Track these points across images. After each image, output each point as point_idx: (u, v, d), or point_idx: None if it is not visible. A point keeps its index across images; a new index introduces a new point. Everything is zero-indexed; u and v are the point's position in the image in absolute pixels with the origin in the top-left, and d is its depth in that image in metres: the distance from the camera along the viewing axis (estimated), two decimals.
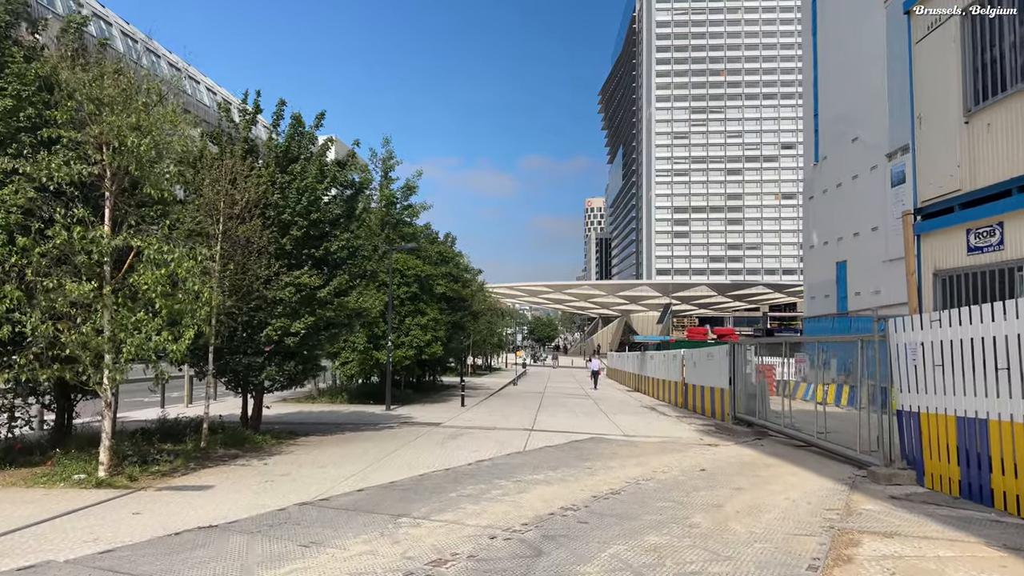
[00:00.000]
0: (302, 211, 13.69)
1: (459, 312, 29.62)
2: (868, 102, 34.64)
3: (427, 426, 17.32)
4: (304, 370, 14.75)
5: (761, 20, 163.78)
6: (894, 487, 9.89)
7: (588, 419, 20.45)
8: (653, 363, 34.94)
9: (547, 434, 16.16)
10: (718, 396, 21.38)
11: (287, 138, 14.53)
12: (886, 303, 34.73)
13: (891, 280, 33.67)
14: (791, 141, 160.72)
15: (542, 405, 25.19)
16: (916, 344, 9.89)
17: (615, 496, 8.99)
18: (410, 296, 22.85)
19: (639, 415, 22.73)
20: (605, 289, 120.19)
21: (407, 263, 22.87)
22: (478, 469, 10.93)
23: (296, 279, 13.15)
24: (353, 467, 11.10)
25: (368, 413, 20.35)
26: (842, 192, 39.10)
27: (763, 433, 16.76)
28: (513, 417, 20.17)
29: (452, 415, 20.25)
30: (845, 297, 40.01)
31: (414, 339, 22.31)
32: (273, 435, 14.56)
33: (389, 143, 23.46)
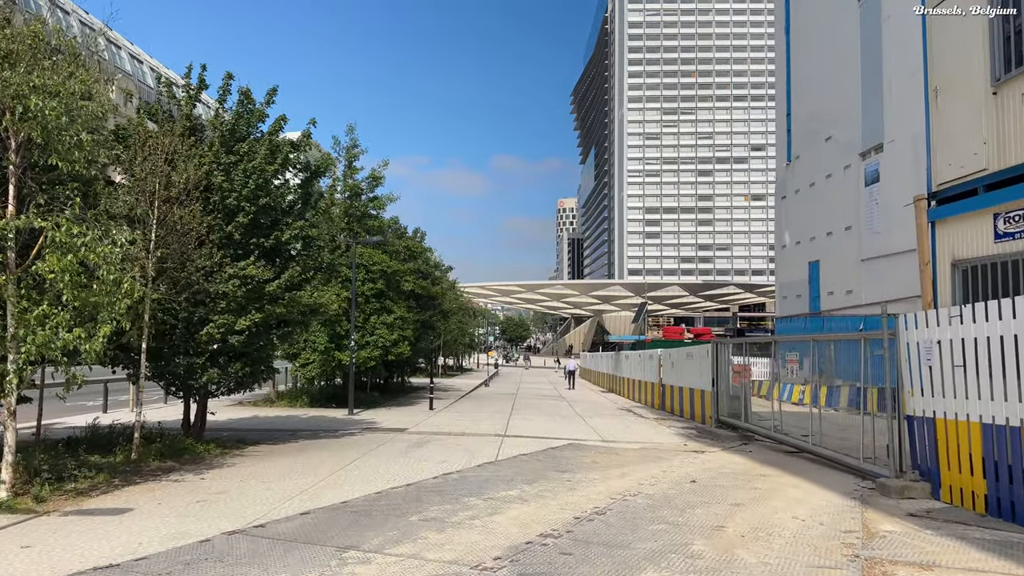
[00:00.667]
0: (249, 195, 12.31)
1: (428, 311, 28.30)
2: (842, 101, 34.31)
3: (391, 432, 16.01)
4: (253, 372, 13.35)
5: (732, 22, 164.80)
6: (908, 501, 8.88)
7: (564, 423, 19.32)
8: (628, 363, 33.97)
9: (521, 440, 14.97)
10: (699, 398, 20.41)
11: (234, 115, 13.13)
12: (859, 303, 34.44)
13: (866, 279, 33.25)
14: (760, 143, 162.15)
15: (515, 408, 24.00)
16: (931, 342, 8.90)
17: (601, 517, 7.83)
18: (376, 293, 21.49)
19: (616, 418, 21.66)
20: (578, 289, 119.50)
21: (373, 258, 21.50)
22: (445, 484, 9.67)
23: (241, 271, 11.76)
24: (302, 482, 9.78)
25: (328, 418, 18.95)
26: (815, 191, 38.67)
27: (749, 437, 15.79)
28: (484, 421, 18.95)
29: (419, 419, 18.95)
30: (818, 297, 39.66)
31: (380, 339, 20.95)
32: (219, 444, 13.15)
33: (353, 131, 22.10)
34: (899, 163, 29.22)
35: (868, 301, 33.63)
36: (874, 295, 32.97)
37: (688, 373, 21.67)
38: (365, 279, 21.33)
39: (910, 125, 29.68)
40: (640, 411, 24.37)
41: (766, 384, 17.80)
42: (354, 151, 22.10)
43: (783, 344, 14.75)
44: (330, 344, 20.54)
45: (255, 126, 13.28)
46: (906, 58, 28.99)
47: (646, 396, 27.91)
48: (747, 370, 19.14)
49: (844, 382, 14.38)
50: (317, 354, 20.78)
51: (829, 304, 37.93)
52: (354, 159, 22.12)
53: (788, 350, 14.15)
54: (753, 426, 15.80)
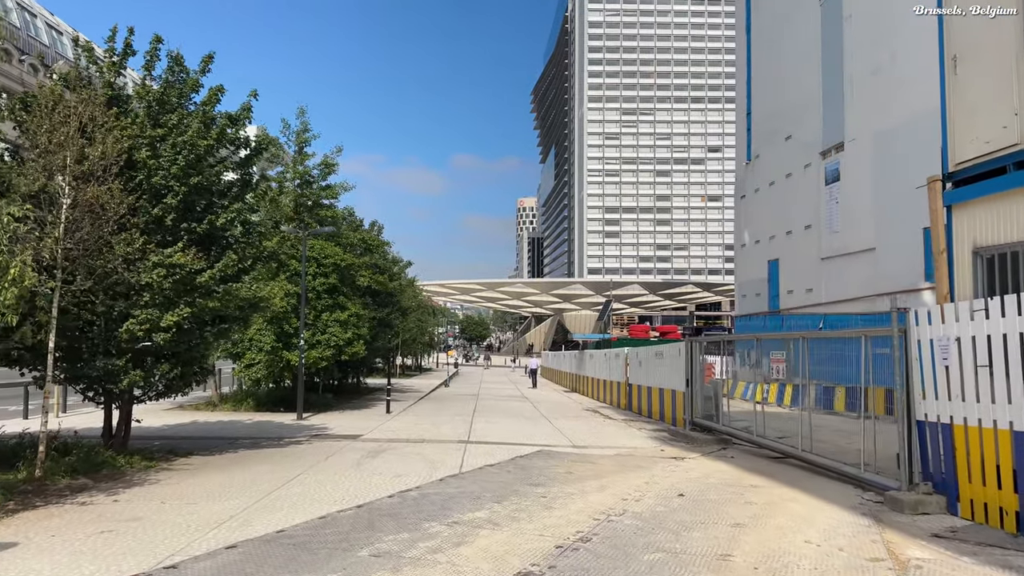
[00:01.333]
0: (178, 173, 10.80)
1: (386, 308, 26.83)
2: (802, 100, 34.16)
3: (343, 440, 14.60)
4: (184, 375, 11.82)
5: (690, 24, 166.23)
6: (923, 518, 7.93)
7: (530, 426, 18.16)
8: (593, 362, 33.02)
9: (486, 447, 13.73)
10: (669, 399, 19.48)
11: (162, 83, 11.58)
12: (819, 301, 34.16)
13: (826, 278, 33.03)
14: (717, 144, 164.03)
15: (477, 410, 22.74)
16: (949, 339, 7.97)
17: (586, 545, 6.65)
18: (328, 288, 19.98)
19: (583, 420, 20.60)
20: (539, 287, 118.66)
21: (325, 250, 19.98)
22: (402, 504, 8.38)
23: (167, 258, 10.26)
24: (234, 504, 8.38)
25: (275, 424, 17.42)
26: (775, 190, 38.39)
27: (726, 441, 14.86)
28: (445, 426, 17.66)
29: (375, 424, 17.55)
30: (777, 296, 39.51)
31: (332, 337, 19.46)
32: (145, 455, 11.60)
33: (304, 113, 20.47)
34: (860, 162, 29.14)
35: (828, 300, 33.51)
36: (834, 294, 32.79)
37: (658, 373, 20.74)
38: (316, 273, 19.82)
39: (872, 123, 29.59)
40: (606, 412, 23.38)
41: (741, 385, 16.88)
42: (305, 136, 20.53)
43: (765, 342, 13.84)
44: (277, 343, 18.99)
45: (187, 97, 11.75)
46: (868, 57, 28.72)
47: (612, 396, 26.97)
48: (710, 368, 18.32)
49: (831, 383, 13.48)
50: (263, 354, 19.20)
51: (789, 303, 37.75)
52: (305, 144, 20.56)
53: (773, 348, 13.22)
54: (731, 429, 14.86)
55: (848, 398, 16.53)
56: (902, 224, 25.37)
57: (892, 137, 26.40)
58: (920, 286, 26.50)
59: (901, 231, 25.45)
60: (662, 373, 20.13)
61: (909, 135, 24.99)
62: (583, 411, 23.85)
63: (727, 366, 16.64)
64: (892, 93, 27.03)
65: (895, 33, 26.52)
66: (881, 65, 27.55)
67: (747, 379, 17.97)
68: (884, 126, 27.09)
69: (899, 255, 25.75)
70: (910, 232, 24.71)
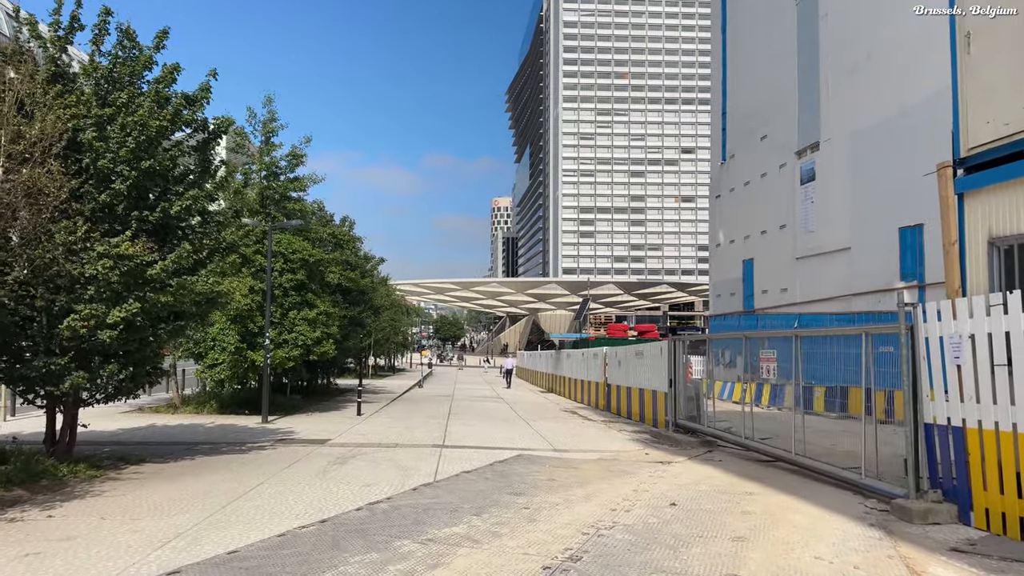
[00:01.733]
0: (128, 156, 9.89)
1: (357, 306, 25.92)
2: (778, 100, 34.09)
3: (310, 444, 13.74)
4: (135, 376, 10.90)
5: (664, 25, 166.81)
6: (935, 528, 7.39)
7: (507, 428, 17.45)
8: (570, 362, 32.44)
9: (463, 452, 12.99)
10: (650, 400, 18.92)
11: (111, 58, 10.65)
12: (794, 300, 33.91)
13: (800, 278, 32.80)
14: (690, 146, 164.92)
15: (452, 412, 21.97)
16: (961, 337, 7.44)
17: (576, 566, 5.96)
18: (296, 285, 19.05)
19: (562, 421, 19.95)
20: (514, 287, 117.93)
21: (293, 245, 19.05)
22: (371, 518, 7.60)
23: (114, 248, 9.35)
24: (184, 519, 7.54)
25: (238, 427, 16.47)
26: (750, 190, 38.25)
27: (711, 443, 14.30)
28: (419, 428, 16.87)
29: (345, 427, 16.70)
30: (752, 295, 39.40)
31: (300, 336, 18.54)
32: (92, 463, 10.67)
33: (272, 102, 19.46)
34: (835, 162, 28.97)
35: (803, 299, 33.27)
36: (808, 293, 32.56)
37: (638, 373, 20.18)
38: (283, 269, 18.88)
39: (847, 123, 29.40)
40: (585, 413, 22.78)
41: (718, 385, 16.34)
42: (272, 125, 19.53)
43: (754, 341, 13.30)
44: (242, 343, 18.02)
45: (140, 75, 10.83)
46: (844, 57, 28.49)
47: (590, 397, 26.40)
48: (688, 368, 17.81)
49: (819, 384, 12.96)
50: (227, 354, 18.22)
51: (763, 302, 37.56)
52: (272, 134, 19.56)
53: (762, 347, 12.67)
54: (716, 431, 14.30)
55: (827, 397, 16.07)
56: (877, 224, 25.33)
57: (868, 137, 26.30)
58: (896, 285, 26.32)
59: (876, 231, 25.34)
60: (643, 373, 19.58)
61: (885, 135, 25.07)
62: (561, 412, 23.22)
63: (706, 366, 16.13)
64: (868, 93, 26.76)
65: (872, 33, 26.36)
66: (857, 64, 27.43)
67: (727, 379, 17.44)
68: (860, 126, 27.03)
69: (874, 255, 25.58)
70: (885, 232, 24.73)
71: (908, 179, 23.18)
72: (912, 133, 23.06)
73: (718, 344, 17.54)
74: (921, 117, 22.62)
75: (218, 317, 18.13)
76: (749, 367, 12.89)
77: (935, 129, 22.51)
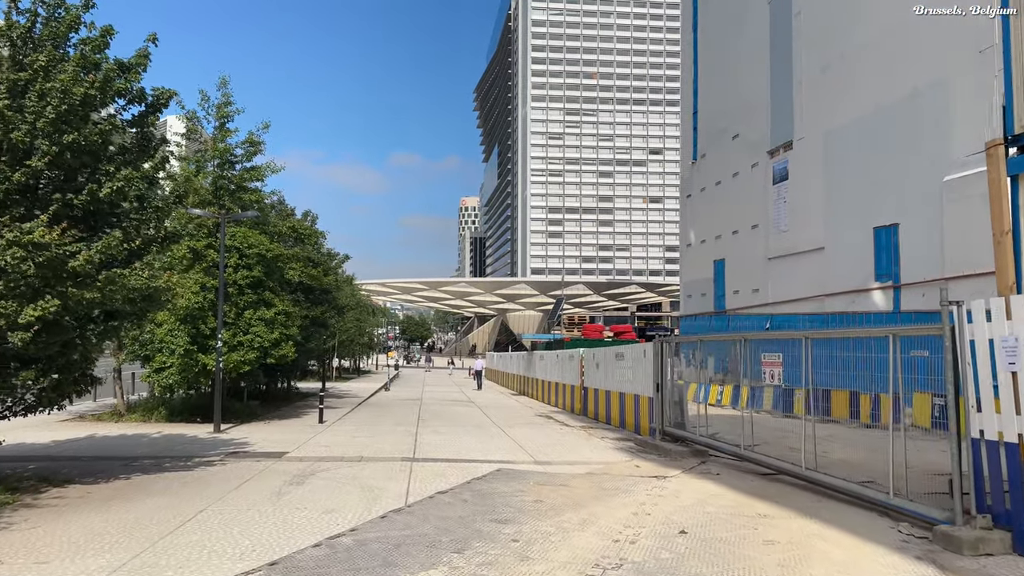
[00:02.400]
0: (47, 128, 8.44)
1: (320, 306, 24.45)
2: (750, 99, 33.67)
3: (265, 459, 12.35)
4: (59, 384, 9.44)
5: (632, 26, 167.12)
6: (990, 561, 6.39)
7: (482, 436, 16.23)
8: (543, 364, 31.35)
9: (436, 466, 11.74)
10: (632, 405, 17.90)
11: (29, 16, 9.16)
12: (765, 301, 33.30)
13: (773, 278, 32.17)
14: (658, 147, 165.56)
15: (422, 418, 20.68)
16: (1017, 339, 6.46)
17: None
18: (252, 282, 17.55)
19: (538, 428, 18.81)
20: (482, 287, 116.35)
21: (249, 239, 17.54)
22: (331, 559, 6.32)
23: (26, 235, 7.90)
24: (103, 561, 6.18)
25: (187, 439, 14.97)
26: (721, 190, 37.82)
27: (702, 453, 13.29)
28: (387, 437, 15.55)
29: (305, 437, 15.30)
30: (723, 296, 38.98)
31: (256, 338, 17.08)
32: (8, 485, 9.20)
33: (227, 84, 17.84)
34: (808, 161, 28.54)
35: (775, 300, 32.72)
36: (781, 294, 31.99)
37: (619, 376, 19.15)
38: (239, 265, 17.38)
39: (821, 122, 28.89)
40: (561, 418, 21.69)
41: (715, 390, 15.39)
42: (227, 110, 17.99)
43: (754, 342, 12.30)
44: (192, 345, 16.49)
45: (64, 36, 9.36)
46: (817, 55, 27.94)
47: (565, 400, 25.33)
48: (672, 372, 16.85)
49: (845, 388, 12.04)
50: (176, 357, 16.69)
51: (735, 303, 37.06)
52: (227, 119, 18.03)
53: (765, 350, 11.67)
54: (709, 440, 13.29)
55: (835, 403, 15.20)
56: (852, 223, 24.92)
57: (842, 135, 25.91)
58: (870, 286, 25.83)
59: (851, 230, 24.93)
60: (624, 376, 18.55)
61: (859, 134, 24.60)
62: (536, 417, 22.09)
63: (691, 369, 15.18)
64: (842, 91, 26.38)
65: (846, 32, 25.98)
66: (830, 63, 27.05)
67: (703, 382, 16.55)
68: (833, 125, 26.63)
69: (849, 255, 25.17)
70: (860, 231, 24.30)
71: (883, 178, 22.76)
72: (887, 132, 22.65)
73: (711, 347, 16.57)
74: (897, 116, 21.94)
75: (166, 317, 16.60)
76: (750, 371, 11.87)
77: (915, 127, 21.80)
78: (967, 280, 19.62)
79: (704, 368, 15.39)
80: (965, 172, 18.97)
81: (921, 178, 20.83)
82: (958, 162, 19.22)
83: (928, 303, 21.48)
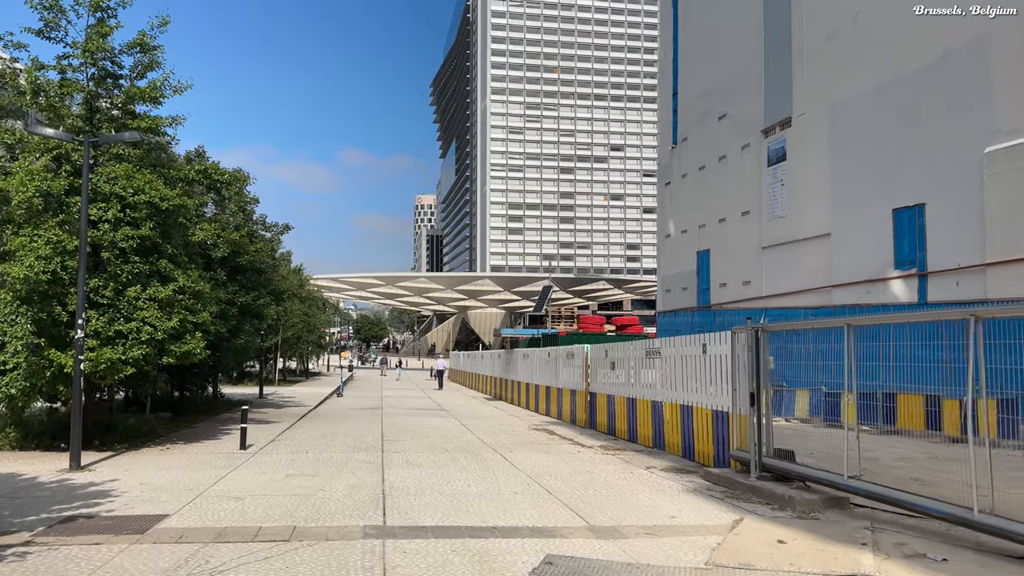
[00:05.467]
0: None
1: (252, 291, 18.87)
2: (739, 76, 30.60)
3: (118, 536, 6.89)
4: None
5: (593, 20, 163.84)
6: None
7: (481, 471, 11.00)
8: (528, 364, 26.19)
9: (428, 548, 6.47)
10: (679, 419, 13.01)
11: None
12: (758, 294, 29.69)
13: (767, 269, 28.56)
14: (619, 143, 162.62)
15: (387, 436, 15.32)
16: None
17: None
18: (140, 246, 11.94)
19: (548, 451, 13.66)
20: (442, 282, 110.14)
21: (136, 182, 11.94)
22: None
23: None
24: None
25: (18, 485, 9.35)
26: (706, 175, 34.57)
27: (838, 500, 8.42)
28: (339, 476, 10.18)
29: (210, 478, 9.83)
30: (707, 289, 35.32)
31: (146, 326, 11.54)
32: None
33: None
34: (811, 138, 25.34)
35: (770, 292, 29.12)
36: (777, 286, 28.32)
37: (651, 379, 14.30)
38: (119, 219, 11.74)
39: (827, 95, 25.36)
40: (563, 431, 16.71)
41: (848, 405, 10.50)
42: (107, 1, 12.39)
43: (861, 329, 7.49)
44: (37, 337, 10.85)
45: None
46: (821, 23, 24.75)
47: (562, 409, 20.26)
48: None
49: None
50: (19, 356, 11.05)
51: (722, 297, 33.52)
52: (107, 14, 12.38)
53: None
54: (850, 481, 8.35)
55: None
56: (865, 206, 21.81)
57: (852, 109, 22.95)
58: (889, 274, 22.48)
59: (864, 214, 21.87)
60: (665, 380, 13.63)
61: (874, 106, 21.57)
62: (533, 432, 17.00)
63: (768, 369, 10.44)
64: (851, 60, 23.28)
65: None
66: (838, 29, 23.99)
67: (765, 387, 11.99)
68: (841, 98, 23.56)
69: (861, 241, 22.33)
70: (876, 214, 21.23)
71: (904, 154, 20.43)
72: (909, 101, 20.34)
73: (794, 338, 11.68)
74: (922, 82, 19.53)
75: (2, 295, 10.97)
76: (854, 371, 7.16)
77: (946, 93, 18.55)
78: (1014, 266, 17.12)
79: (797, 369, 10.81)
80: (1014, 141, 16.89)
81: (953, 151, 18.37)
82: (1002, 130, 17.19)
83: (964, 292, 18.84)
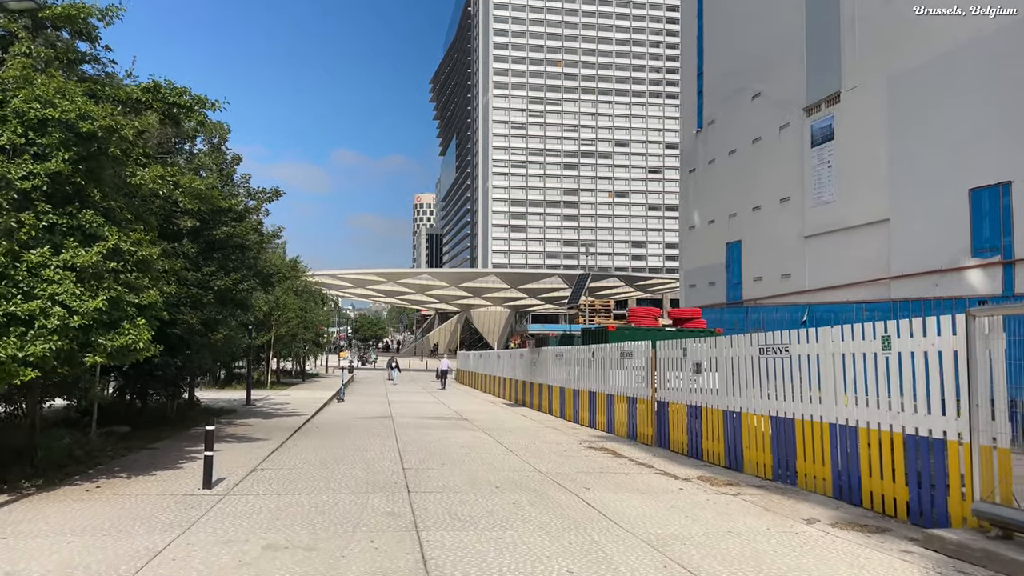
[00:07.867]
0: None
1: (232, 272, 14.90)
2: (776, 51, 27.87)
3: None
4: None
5: (598, 12, 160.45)
6: None
7: (578, 543, 7.02)
8: (562, 365, 22.15)
9: None
10: (885, 453, 9.16)
11: None
12: (800, 288, 26.62)
13: (810, 260, 25.56)
14: (624, 139, 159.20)
15: (408, 466, 11.30)
16: None
17: None
18: (48, 187, 8.01)
19: (651, 493, 9.63)
20: (446, 279, 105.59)
21: (43, 90, 7.96)
22: None
23: None
24: None
25: None
26: (737, 159, 31.58)
27: None
28: (349, 556, 6.22)
29: (136, 555, 5.88)
30: (739, 284, 32.08)
31: (56, 307, 7.63)
32: None
33: None
34: (866, 113, 22.74)
35: (813, 286, 25.83)
36: (822, 279, 25.02)
37: (769, 389, 10.42)
38: (16, 147, 7.76)
39: (886, 64, 22.09)
40: (628, 451, 12.78)
41: None
42: None
43: None
44: None
45: None
46: None
47: (613, 419, 16.24)
48: None
49: None
50: None
51: (756, 292, 30.14)
52: None
53: None
54: None
55: None
56: (933, 187, 19.75)
57: (915, 78, 20.60)
58: (965, 263, 19.34)
59: (932, 196, 19.83)
60: (807, 387, 9.74)
61: (945, 74, 19.54)
62: (590, 451, 13.08)
63: None
64: (915, 23, 20.42)
65: None
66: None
67: None
68: (903, 66, 20.95)
69: (928, 226, 19.99)
70: (948, 195, 19.14)
71: (982, 126, 18.45)
72: (988, 66, 18.42)
73: None
74: (1006, 42, 17.57)
75: None
76: None
77: None
78: None
79: None
80: None
81: None
82: None
83: None
